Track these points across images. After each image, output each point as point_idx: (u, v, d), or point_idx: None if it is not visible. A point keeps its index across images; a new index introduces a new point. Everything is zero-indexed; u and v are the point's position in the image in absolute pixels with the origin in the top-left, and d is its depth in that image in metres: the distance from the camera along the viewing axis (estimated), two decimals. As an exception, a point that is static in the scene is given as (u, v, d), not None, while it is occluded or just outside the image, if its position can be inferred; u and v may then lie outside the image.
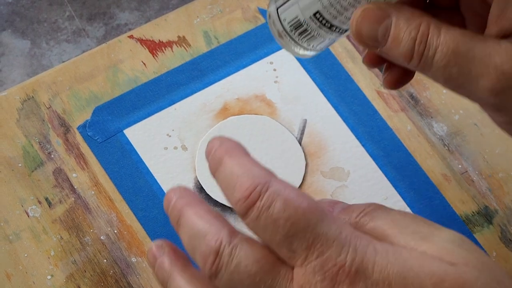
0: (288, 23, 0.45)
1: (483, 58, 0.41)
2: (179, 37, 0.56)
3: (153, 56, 0.55)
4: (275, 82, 0.55)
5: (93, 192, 0.51)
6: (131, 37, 0.55)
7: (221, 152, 0.40)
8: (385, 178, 0.52)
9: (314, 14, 0.43)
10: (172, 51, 0.55)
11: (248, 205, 0.38)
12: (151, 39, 0.55)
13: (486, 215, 0.52)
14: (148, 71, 0.54)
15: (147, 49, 0.55)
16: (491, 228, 0.52)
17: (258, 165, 0.40)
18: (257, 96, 0.54)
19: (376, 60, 0.47)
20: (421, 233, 0.39)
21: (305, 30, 0.44)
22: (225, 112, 0.54)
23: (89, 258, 0.49)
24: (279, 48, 0.56)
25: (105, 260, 0.49)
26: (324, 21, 0.43)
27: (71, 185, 0.51)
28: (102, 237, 0.50)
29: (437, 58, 0.41)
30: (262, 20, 0.57)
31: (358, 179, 0.52)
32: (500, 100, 0.41)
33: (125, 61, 0.54)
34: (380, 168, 0.52)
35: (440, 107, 0.55)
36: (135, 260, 0.49)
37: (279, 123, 0.53)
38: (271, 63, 0.55)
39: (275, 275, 0.39)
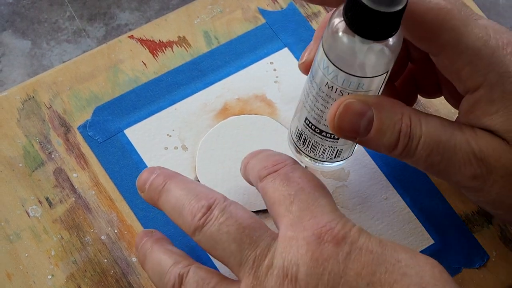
0: (294, 134, 0.48)
1: (462, 146, 0.43)
2: (179, 37, 0.56)
3: (154, 56, 0.55)
4: (275, 82, 0.55)
5: (93, 192, 0.51)
6: (131, 37, 0.55)
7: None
8: (385, 178, 0.52)
9: (305, 121, 0.46)
10: (173, 51, 0.55)
11: (271, 172, 0.44)
12: (151, 39, 0.55)
13: (486, 215, 0.52)
14: (148, 71, 0.54)
15: (147, 49, 0.55)
16: (491, 228, 0.52)
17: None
18: (257, 96, 0.54)
19: None
20: None
21: (305, 139, 0.47)
22: (225, 112, 0.54)
23: (89, 258, 0.49)
24: (279, 48, 0.56)
25: (105, 260, 0.49)
26: (313, 127, 0.46)
27: (72, 185, 0.51)
28: (102, 237, 0.50)
29: (420, 148, 0.43)
30: (262, 20, 0.57)
31: (358, 179, 0.52)
32: (479, 184, 0.44)
33: (126, 61, 0.55)
34: (380, 168, 0.53)
35: (440, 107, 0.55)
36: (136, 259, 0.49)
37: (279, 123, 0.53)
38: (271, 63, 0.55)
39: (262, 233, 0.43)
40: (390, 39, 0.41)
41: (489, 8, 0.60)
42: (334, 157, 0.48)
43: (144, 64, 0.55)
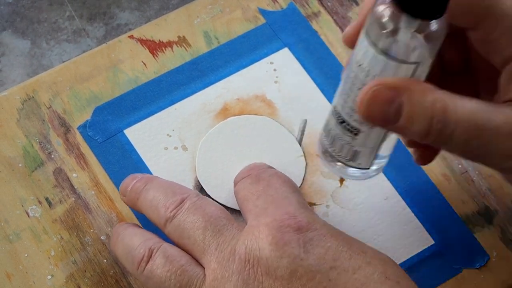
0: (324, 125, 0.46)
1: (503, 127, 0.40)
2: (179, 37, 0.56)
3: (153, 56, 0.55)
4: (275, 82, 0.55)
5: (93, 192, 0.51)
6: (131, 37, 0.55)
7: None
8: (385, 178, 0.52)
9: (334, 108, 0.44)
10: (172, 51, 0.55)
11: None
12: (151, 39, 0.55)
13: (486, 215, 0.52)
14: (148, 71, 0.54)
15: (147, 49, 0.55)
16: (491, 228, 0.52)
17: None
18: (257, 96, 0.54)
19: (429, 157, 0.48)
20: None
21: (329, 130, 0.45)
22: (225, 112, 0.54)
23: (89, 258, 0.49)
24: (279, 48, 0.56)
25: (105, 260, 0.49)
26: (337, 115, 0.44)
27: (71, 185, 0.51)
28: (102, 237, 0.50)
29: (457, 134, 0.40)
30: (262, 20, 0.57)
31: (358, 180, 0.52)
32: None
33: (125, 61, 0.54)
34: (380, 168, 0.52)
35: (440, 107, 0.55)
36: (135, 260, 0.49)
37: (279, 124, 0.53)
38: (271, 63, 0.55)
39: (228, 223, 0.44)
40: (435, 24, 0.39)
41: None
42: (351, 159, 0.46)
43: (144, 64, 0.55)
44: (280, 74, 0.55)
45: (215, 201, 0.51)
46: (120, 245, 0.45)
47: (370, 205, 0.51)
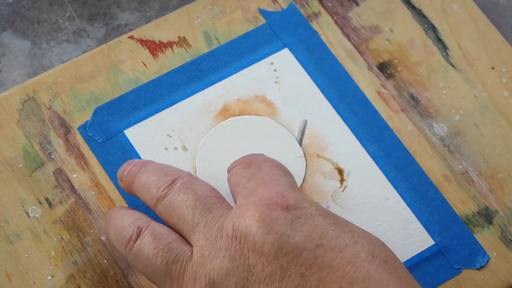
0: None
1: None
2: (179, 37, 0.56)
3: (154, 57, 0.55)
4: (276, 82, 0.55)
5: (93, 193, 0.51)
6: (131, 37, 0.55)
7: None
8: (385, 179, 0.52)
9: None
10: (173, 52, 0.55)
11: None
12: (151, 40, 0.55)
13: (486, 216, 0.52)
14: (148, 71, 0.54)
15: (147, 50, 0.55)
16: (491, 228, 0.52)
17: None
18: (257, 96, 0.54)
19: None
20: None
21: None
22: (225, 112, 0.54)
23: (89, 259, 0.49)
24: (279, 49, 0.56)
25: (105, 261, 0.49)
26: None
27: (72, 186, 0.51)
28: (102, 238, 0.50)
29: None
30: (262, 21, 0.57)
31: (358, 180, 0.52)
32: None
33: (126, 62, 0.54)
34: (380, 169, 0.52)
35: (440, 107, 0.55)
36: (136, 260, 0.49)
37: (279, 124, 0.53)
38: (272, 63, 0.55)
39: (217, 202, 0.44)
40: None
41: (489, 8, 0.60)
42: None
43: (144, 64, 0.55)
44: (280, 74, 0.55)
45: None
46: (112, 227, 0.46)
47: (370, 206, 0.51)
